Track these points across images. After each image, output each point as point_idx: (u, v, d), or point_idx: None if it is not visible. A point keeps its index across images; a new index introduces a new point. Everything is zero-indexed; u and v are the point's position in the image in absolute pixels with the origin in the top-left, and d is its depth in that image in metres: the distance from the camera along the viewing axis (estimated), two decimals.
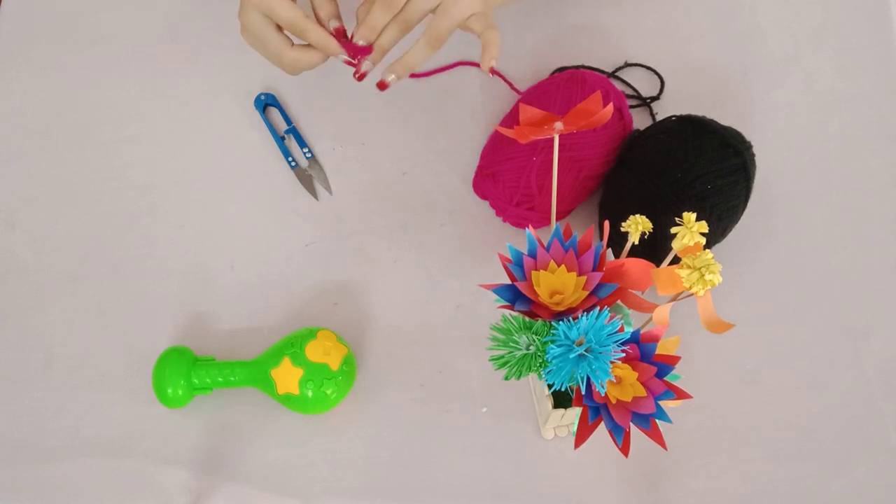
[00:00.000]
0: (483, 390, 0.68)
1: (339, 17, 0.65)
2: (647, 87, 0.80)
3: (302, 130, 0.80)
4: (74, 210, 0.76)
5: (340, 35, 0.64)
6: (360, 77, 0.65)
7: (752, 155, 0.69)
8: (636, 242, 0.55)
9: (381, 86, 0.65)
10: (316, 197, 0.77)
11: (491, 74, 0.72)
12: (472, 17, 0.64)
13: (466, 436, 0.66)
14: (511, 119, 0.73)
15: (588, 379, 0.51)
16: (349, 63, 0.65)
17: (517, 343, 0.54)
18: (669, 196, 0.65)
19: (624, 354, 0.52)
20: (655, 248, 0.64)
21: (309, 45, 0.64)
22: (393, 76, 0.65)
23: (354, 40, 0.64)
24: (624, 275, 0.55)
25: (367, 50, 0.64)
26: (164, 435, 0.67)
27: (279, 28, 0.64)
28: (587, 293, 0.53)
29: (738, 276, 0.71)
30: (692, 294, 0.50)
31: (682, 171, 0.66)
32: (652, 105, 0.79)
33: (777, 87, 0.80)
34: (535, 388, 0.67)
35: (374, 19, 0.63)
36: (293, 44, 0.65)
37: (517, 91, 0.80)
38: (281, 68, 0.66)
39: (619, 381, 0.53)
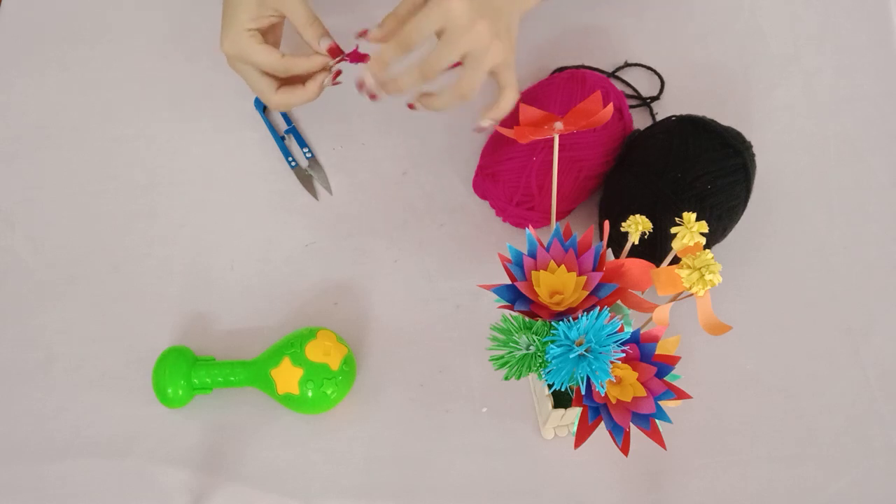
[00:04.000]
0: (483, 390, 0.68)
1: (327, 35, 0.66)
2: (647, 87, 0.80)
3: (302, 130, 0.80)
4: (74, 210, 0.76)
5: (334, 53, 0.65)
6: (372, 97, 0.66)
7: (752, 155, 0.69)
8: (636, 242, 0.55)
9: (410, 106, 0.67)
10: (316, 197, 0.77)
11: (476, 131, 0.68)
12: (499, 65, 0.64)
13: (466, 436, 0.66)
14: (511, 119, 0.73)
15: (588, 379, 0.51)
16: (336, 77, 0.68)
17: (517, 343, 0.54)
18: (669, 196, 0.65)
19: (624, 354, 0.52)
20: (655, 248, 0.64)
21: (296, 84, 0.68)
22: (421, 107, 0.67)
23: (364, 73, 0.64)
24: (624, 275, 0.55)
25: (365, 57, 0.65)
26: (164, 435, 0.67)
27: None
28: (587, 293, 0.53)
29: (738, 276, 0.71)
30: (692, 294, 0.50)
31: (682, 171, 0.66)
32: (652, 105, 0.79)
33: (777, 87, 0.80)
34: (535, 388, 0.67)
35: (385, 55, 0.63)
36: (278, 87, 0.68)
37: None
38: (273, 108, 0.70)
39: (619, 381, 0.53)
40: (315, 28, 0.65)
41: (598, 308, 0.52)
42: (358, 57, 0.66)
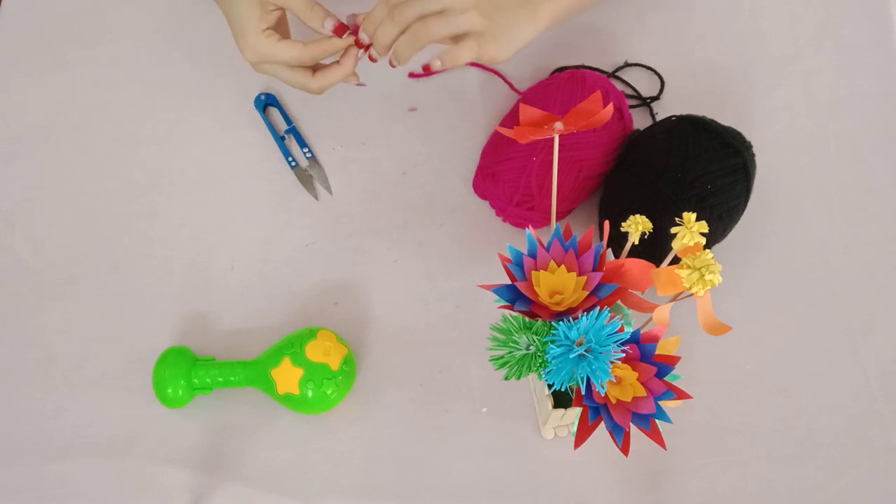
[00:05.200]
0: (483, 390, 0.68)
1: (330, 16, 0.66)
2: (647, 87, 0.80)
3: (302, 130, 0.80)
4: (74, 210, 0.76)
5: (340, 31, 0.65)
6: (372, 59, 0.67)
7: (752, 155, 0.69)
8: (636, 242, 0.55)
9: (390, 63, 0.67)
10: (316, 197, 0.77)
11: (423, 69, 0.69)
12: (472, 34, 0.66)
13: (466, 436, 0.66)
14: (511, 119, 0.73)
15: (588, 379, 0.51)
16: (361, 46, 0.67)
17: (517, 343, 0.54)
18: (669, 196, 0.65)
19: (624, 354, 0.52)
20: (655, 248, 0.64)
21: (331, 64, 0.68)
22: (394, 60, 0.67)
23: (360, 34, 0.66)
24: (624, 275, 0.55)
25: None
26: (164, 435, 0.67)
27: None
28: (587, 293, 0.53)
29: (738, 276, 0.71)
30: (692, 294, 0.50)
31: (682, 171, 0.66)
32: (652, 105, 0.79)
33: (777, 87, 0.80)
34: (535, 388, 0.67)
35: (373, 15, 0.65)
36: (314, 72, 0.68)
37: (517, 91, 0.80)
38: (310, 93, 0.69)
39: (619, 381, 0.53)
40: (316, 13, 0.65)
41: (598, 308, 0.52)
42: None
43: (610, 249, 0.68)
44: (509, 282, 0.55)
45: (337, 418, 0.67)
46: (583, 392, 0.52)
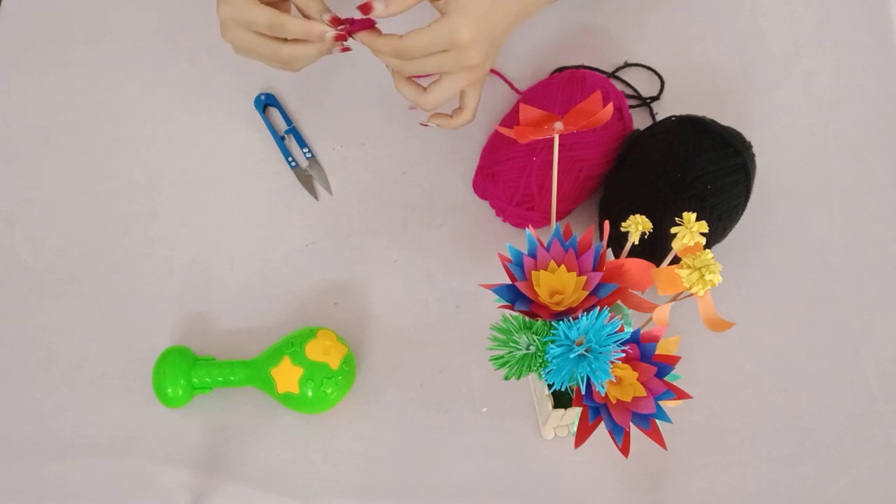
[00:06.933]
0: (483, 390, 0.68)
1: (328, 10, 0.64)
2: (647, 87, 0.80)
3: (302, 130, 0.80)
4: (74, 210, 0.76)
5: (336, 23, 0.64)
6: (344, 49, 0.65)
7: (752, 155, 0.69)
8: (636, 242, 0.55)
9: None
10: (316, 197, 0.77)
11: (420, 123, 0.71)
12: (471, 85, 0.66)
13: (466, 436, 0.66)
14: (511, 119, 0.73)
15: (588, 379, 0.51)
16: (340, 37, 0.64)
17: (517, 343, 0.54)
18: (669, 196, 0.65)
19: (624, 354, 0.52)
20: (655, 248, 0.64)
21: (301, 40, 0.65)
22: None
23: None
24: (624, 275, 0.55)
25: (368, 23, 0.64)
26: (164, 435, 0.67)
27: (265, 34, 0.64)
28: (587, 293, 0.53)
29: (738, 276, 0.71)
30: (692, 294, 0.50)
31: (682, 171, 0.66)
32: (652, 105, 0.79)
33: (777, 87, 0.80)
34: (535, 388, 0.67)
35: (378, 54, 0.65)
36: (286, 41, 0.65)
37: (517, 91, 0.80)
38: (282, 69, 0.66)
39: (619, 381, 0.53)
40: (316, 2, 0.64)
41: (598, 308, 0.52)
42: (360, 25, 0.65)
43: (610, 249, 0.68)
44: (509, 282, 0.55)
45: (337, 418, 0.67)
46: (583, 392, 0.52)
